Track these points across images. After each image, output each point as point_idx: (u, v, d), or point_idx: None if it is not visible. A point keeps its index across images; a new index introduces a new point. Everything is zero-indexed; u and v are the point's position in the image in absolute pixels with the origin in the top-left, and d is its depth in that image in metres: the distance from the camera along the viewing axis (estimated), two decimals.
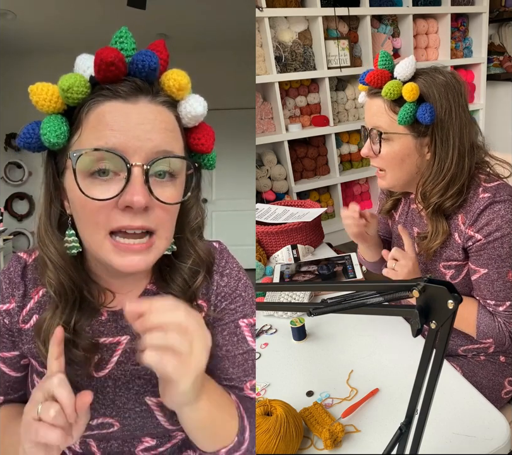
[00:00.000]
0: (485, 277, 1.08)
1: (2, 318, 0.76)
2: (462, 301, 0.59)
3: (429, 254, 1.15)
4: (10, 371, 0.79)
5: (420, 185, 1.12)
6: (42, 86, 0.63)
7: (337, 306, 0.68)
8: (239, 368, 0.78)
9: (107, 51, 0.61)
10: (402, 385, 0.99)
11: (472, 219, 1.06)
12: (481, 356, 1.24)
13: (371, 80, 1.06)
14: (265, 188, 3.39)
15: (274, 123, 3.34)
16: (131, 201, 0.60)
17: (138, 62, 0.62)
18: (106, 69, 0.61)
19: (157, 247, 0.66)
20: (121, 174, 0.62)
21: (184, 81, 0.65)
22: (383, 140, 1.08)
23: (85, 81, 0.63)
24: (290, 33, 3.22)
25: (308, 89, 3.41)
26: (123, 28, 0.65)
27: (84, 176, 0.62)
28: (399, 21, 3.58)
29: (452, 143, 1.05)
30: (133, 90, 0.63)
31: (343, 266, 1.54)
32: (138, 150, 0.61)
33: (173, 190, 0.66)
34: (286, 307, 1.15)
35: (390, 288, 0.65)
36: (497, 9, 3.90)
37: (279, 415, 0.88)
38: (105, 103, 0.62)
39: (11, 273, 0.77)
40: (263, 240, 1.80)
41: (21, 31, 3.82)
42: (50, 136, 0.62)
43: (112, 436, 0.78)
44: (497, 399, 1.19)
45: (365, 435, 0.91)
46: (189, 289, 0.76)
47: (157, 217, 0.64)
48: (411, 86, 1.01)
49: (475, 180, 1.09)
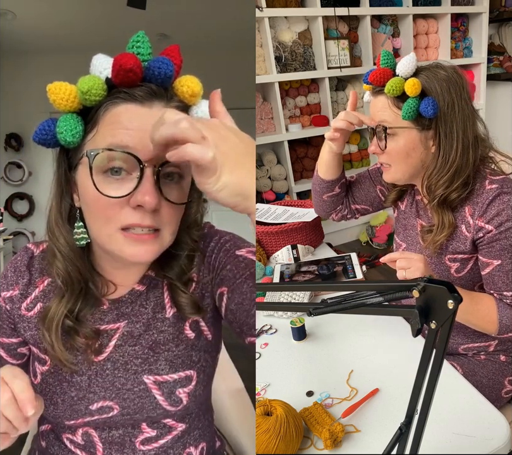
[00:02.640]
0: (499, 269, 1.08)
1: (5, 304, 0.81)
2: (462, 301, 0.58)
3: (435, 247, 1.15)
4: (7, 357, 0.83)
5: (425, 178, 1.13)
6: (60, 86, 0.65)
7: (337, 306, 0.68)
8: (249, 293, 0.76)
9: (126, 58, 0.63)
10: (402, 385, 0.99)
11: (481, 210, 1.07)
12: (482, 355, 1.24)
13: (374, 79, 1.09)
14: (265, 188, 3.39)
15: (274, 123, 3.34)
16: (142, 201, 0.63)
17: (155, 69, 0.65)
18: (124, 75, 0.64)
19: (161, 239, 0.69)
20: (133, 174, 0.65)
21: (197, 88, 0.68)
22: (388, 136, 1.10)
23: (103, 84, 0.65)
24: (290, 33, 3.22)
25: (308, 89, 3.41)
26: (140, 32, 0.68)
27: (97, 173, 0.65)
28: (399, 21, 3.57)
29: (456, 136, 1.07)
30: (148, 95, 0.66)
31: (343, 266, 1.54)
32: (151, 151, 0.63)
33: (180, 191, 0.69)
34: (286, 307, 1.15)
35: (390, 288, 0.65)
36: (497, 9, 3.89)
37: (279, 415, 0.88)
38: (122, 104, 0.65)
39: (17, 262, 0.82)
40: (263, 240, 1.80)
41: (21, 31, 3.82)
42: (67, 135, 0.65)
43: (113, 422, 0.80)
44: (497, 398, 1.20)
45: (365, 435, 0.91)
46: (185, 275, 0.79)
47: (164, 216, 0.68)
48: (413, 81, 1.03)
49: (481, 173, 1.11)
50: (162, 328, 0.81)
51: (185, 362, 0.81)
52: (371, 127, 1.14)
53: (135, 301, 0.81)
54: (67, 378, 0.79)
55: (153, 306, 0.81)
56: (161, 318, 0.81)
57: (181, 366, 0.81)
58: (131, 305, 0.81)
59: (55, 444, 0.84)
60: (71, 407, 0.79)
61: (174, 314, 0.81)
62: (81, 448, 0.82)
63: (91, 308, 0.77)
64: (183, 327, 0.82)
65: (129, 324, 0.80)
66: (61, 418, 0.80)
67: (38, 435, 0.89)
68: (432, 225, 1.15)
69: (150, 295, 0.82)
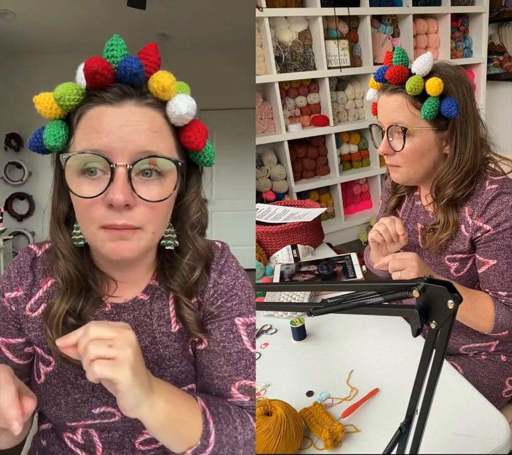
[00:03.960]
0: (495, 268, 1.08)
1: (10, 305, 0.81)
2: (462, 300, 0.58)
3: (437, 246, 1.15)
4: (13, 358, 0.82)
5: (436, 178, 1.12)
6: (43, 96, 0.69)
7: (337, 306, 0.68)
8: (233, 366, 0.79)
9: (92, 61, 0.65)
10: (402, 385, 0.99)
11: (480, 210, 1.07)
12: (483, 355, 1.24)
13: (392, 76, 1.06)
14: (265, 188, 3.39)
15: (274, 123, 3.34)
16: (111, 199, 0.64)
17: (121, 68, 0.66)
18: (92, 78, 0.66)
19: (142, 236, 0.69)
20: (108, 173, 0.66)
21: (167, 83, 0.67)
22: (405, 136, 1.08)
23: (78, 89, 0.68)
24: (290, 33, 3.22)
25: (308, 89, 3.41)
26: (115, 36, 0.69)
27: (77, 175, 0.67)
28: (399, 21, 3.58)
29: (470, 136, 1.08)
30: (117, 95, 0.67)
31: (343, 266, 1.54)
32: (122, 150, 0.65)
33: (160, 188, 0.69)
34: (286, 307, 1.15)
35: (390, 288, 0.65)
36: (497, 9, 3.90)
37: (279, 415, 0.88)
38: (94, 108, 0.67)
39: (20, 263, 0.82)
40: (263, 240, 1.80)
41: (21, 31, 3.82)
42: (50, 140, 0.68)
43: (113, 427, 0.80)
44: (498, 399, 1.19)
45: (365, 435, 0.91)
46: (187, 284, 0.78)
47: (141, 215, 0.67)
48: (437, 81, 1.02)
49: (482, 173, 1.11)
50: (168, 343, 0.80)
51: (188, 377, 0.81)
52: (378, 126, 1.13)
53: (138, 309, 0.80)
54: (71, 379, 0.79)
55: (157, 318, 0.80)
56: (166, 332, 0.80)
57: (184, 381, 0.81)
58: (133, 313, 0.80)
59: (56, 443, 0.84)
60: (74, 409, 0.79)
61: (180, 330, 0.80)
62: (81, 447, 0.82)
63: (92, 306, 0.77)
64: (187, 344, 0.81)
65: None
66: (63, 419, 0.79)
67: (39, 434, 0.89)
68: (435, 225, 1.15)
69: (155, 306, 0.80)
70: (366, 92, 1.18)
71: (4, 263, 3.68)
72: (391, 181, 1.29)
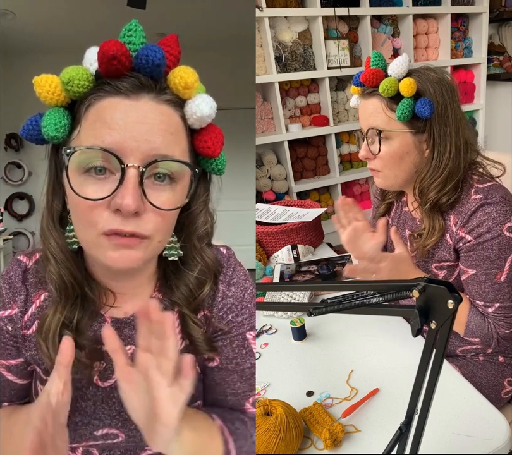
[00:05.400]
0: (473, 278, 1.08)
1: (5, 324, 0.73)
2: (462, 301, 0.59)
3: (424, 252, 1.14)
4: (16, 379, 0.76)
5: (418, 181, 1.12)
6: (46, 78, 0.61)
7: (337, 306, 0.68)
8: (246, 382, 0.77)
9: (109, 44, 0.58)
10: (402, 385, 0.99)
11: (463, 220, 1.06)
12: (480, 356, 1.23)
13: (366, 79, 1.08)
14: (265, 188, 3.39)
15: (274, 123, 3.34)
16: (120, 204, 0.58)
17: (142, 57, 0.59)
18: (108, 63, 0.58)
19: (148, 246, 0.63)
20: (117, 174, 0.59)
21: (191, 80, 0.62)
22: (382, 140, 1.08)
23: (88, 75, 0.61)
24: (290, 33, 3.22)
25: (308, 89, 3.41)
26: (133, 20, 0.62)
27: (79, 173, 0.60)
28: (399, 21, 3.57)
29: (450, 138, 1.07)
30: (135, 87, 0.60)
31: (343, 266, 1.54)
32: (135, 150, 0.59)
33: (171, 195, 0.63)
34: (286, 307, 1.15)
35: (390, 288, 0.65)
36: (497, 9, 3.90)
37: (279, 415, 0.87)
38: (106, 98, 0.60)
39: (10, 277, 0.74)
40: (263, 240, 1.80)
41: (21, 31, 3.82)
42: (50, 129, 0.61)
43: (116, 447, 0.77)
44: (497, 399, 1.19)
45: (365, 435, 0.91)
46: (195, 299, 0.73)
47: (150, 222, 0.61)
48: (409, 80, 1.03)
49: (468, 181, 1.09)
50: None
51: (194, 395, 0.77)
52: (359, 131, 1.13)
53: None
54: (70, 402, 0.75)
55: None
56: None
57: (191, 399, 0.77)
58: (135, 328, 0.71)
59: None
60: (75, 431, 0.74)
61: (187, 346, 0.74)
62: None
63: (90, 318, 0.70)
64: (195, 361, 0.78)
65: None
66: None
67: None
68: (422, 230, 1.14)
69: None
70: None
71: (4, 263, 3.68)
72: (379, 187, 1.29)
